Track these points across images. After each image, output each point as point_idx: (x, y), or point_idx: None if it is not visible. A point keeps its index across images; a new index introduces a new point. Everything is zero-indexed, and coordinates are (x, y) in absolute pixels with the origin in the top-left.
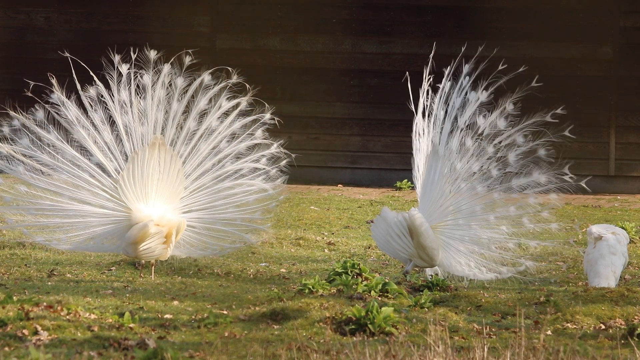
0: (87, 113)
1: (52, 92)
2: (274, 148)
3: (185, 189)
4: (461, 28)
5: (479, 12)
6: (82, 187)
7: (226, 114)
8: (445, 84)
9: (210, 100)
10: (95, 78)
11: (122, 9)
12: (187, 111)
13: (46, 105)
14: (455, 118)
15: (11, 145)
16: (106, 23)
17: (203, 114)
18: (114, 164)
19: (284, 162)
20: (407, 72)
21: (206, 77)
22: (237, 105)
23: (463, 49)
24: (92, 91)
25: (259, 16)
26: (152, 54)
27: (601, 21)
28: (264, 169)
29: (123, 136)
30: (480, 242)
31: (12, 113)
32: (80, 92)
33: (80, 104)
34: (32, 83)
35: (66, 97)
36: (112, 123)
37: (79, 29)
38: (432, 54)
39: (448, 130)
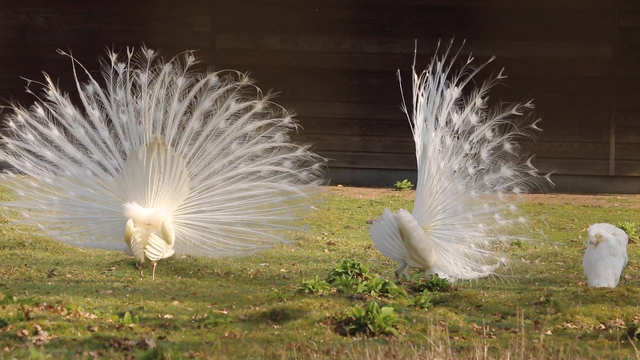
0: (85, 112)
1: (49, 89)
2: (300, 152)
3: (191, 189)
4: (461, 28)
5: (480, 12)
6: (86, 185)
7: (236, 115)
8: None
9: (215, 101)
10: (90, 77)
11: (122, 9)
12: (190, 112)
13: (44, 103)
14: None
15: (16, 141)
16: (106, 23)
17: (208, 115)
18: (113, 162)
19: (316, 165)
20: (399, 71)
21: (212, 78)
22: (250, 107)
23: (449, 48)
24: (89, 90)
25: (259, 16)
26: (150, 53)
27: (601, 21)
28: (287, 172)
29: (120, 135)
30: (465, 241)
31: (16, 109)
32: (80, 91)
33: (74, 102)
34: (29, 81)
35: (63, 97)
36: (109, 122)
37: (79, 29)
38: (415, 54)
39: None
